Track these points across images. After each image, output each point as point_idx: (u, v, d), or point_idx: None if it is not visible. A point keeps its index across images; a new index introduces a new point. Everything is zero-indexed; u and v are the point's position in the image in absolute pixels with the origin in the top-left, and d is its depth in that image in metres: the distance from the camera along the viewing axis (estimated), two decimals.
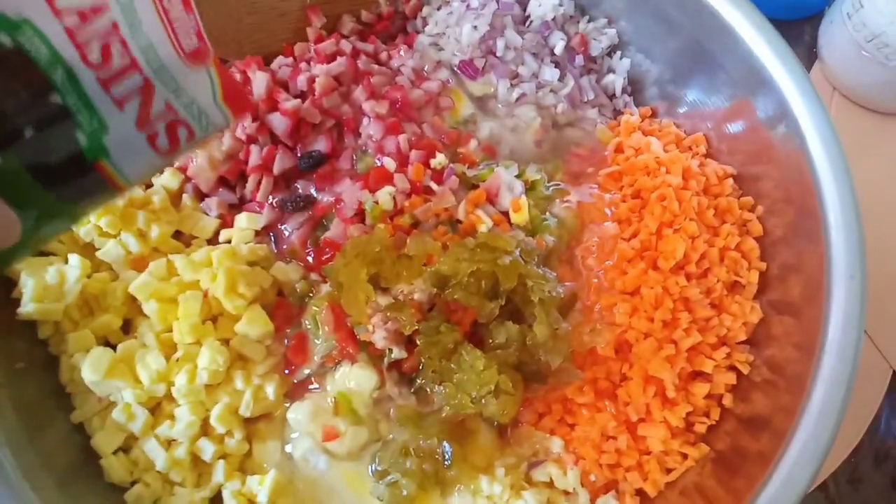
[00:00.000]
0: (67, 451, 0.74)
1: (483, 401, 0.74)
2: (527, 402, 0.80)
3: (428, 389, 0.77)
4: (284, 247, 0.85)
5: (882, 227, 1.06)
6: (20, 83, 0.47)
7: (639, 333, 0.78)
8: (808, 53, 1.19)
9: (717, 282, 0.80)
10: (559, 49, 0.96)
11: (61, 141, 0.50)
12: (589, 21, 1.00)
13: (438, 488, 0.76)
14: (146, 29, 0.54)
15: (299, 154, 0.86)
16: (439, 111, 0.94)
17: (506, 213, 0.86)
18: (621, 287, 0.80)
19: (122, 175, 0.55)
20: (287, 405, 0.80)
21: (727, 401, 0.79)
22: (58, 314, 0.75)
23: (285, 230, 0.85)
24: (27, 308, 0.73)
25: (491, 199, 0.86)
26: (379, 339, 0.75)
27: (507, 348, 0.76)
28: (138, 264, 0.79)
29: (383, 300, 0.76)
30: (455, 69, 0.96)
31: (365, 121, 0.88)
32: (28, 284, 0.73)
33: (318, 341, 0.79)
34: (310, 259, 0.84)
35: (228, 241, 0.83)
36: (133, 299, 0.77)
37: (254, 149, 0.85)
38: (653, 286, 0.78)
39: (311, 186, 0.87)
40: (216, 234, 0.85)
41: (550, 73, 0.95)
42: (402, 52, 0.96)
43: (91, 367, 0.72)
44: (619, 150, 0.92)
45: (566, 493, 0.78)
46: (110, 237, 0.79)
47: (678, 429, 0.77)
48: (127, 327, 0.79)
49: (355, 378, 0.77)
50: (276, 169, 0.85)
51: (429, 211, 0.83)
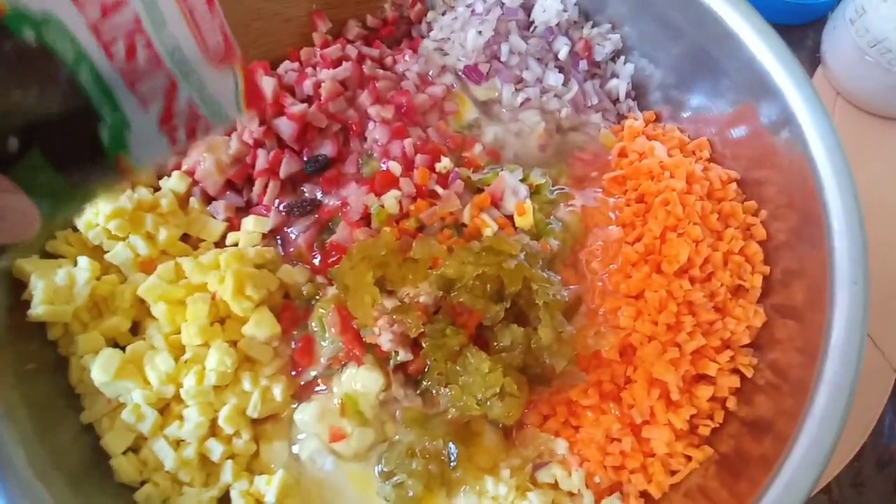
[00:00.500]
0: (78, 451, 0.75)
1: (488, 403, 0.74)
2: (532, 404, 0.81)
3: (433, 391, 0.78)
4: (291, 250, 0.86)
5: (886, 231, 1.06)
6: (46, 80, 0.47)
7: (643, 337, 0.78)
8: (812, 59, 1.20)
9: (721, 286, 0.81)
10: (563, 54, 0.97)
11: (84, 137, 0.51)
12: (593, 26, 1.01)
13: (444, 489, 0.77)
14: (171, 27, 0.54)
15: (305, 158, 0.87)
16: (444, 115, 0.95)
17: (510, 217, 0.87)
18: (625, 290, 0.81)
19: (137, 165, 0.55)
20: (294, 406, 0.80)
21: (731, 404, 0.80)
22: (67, 316, 0.75)
23: (292, 233, 0.86)
24: (37, 310, 0.73)
25: (496, 203, 0.87)
26: (385, 341, 0.76)
27: (511, 351, 0.76)
28: (147, 267, 0.80)
29: (389, 303, 0.77)
30: (460, 74, 0.97)
31: (370, 125, 0.89)
32: (38, 287, 0.74)
33: (324, 343, 0.80)
34: (316, 262, 0.85)
35: (236, 244, 0.84)
36: (142, 301, 0.78)
37: (261, 153, 0.86)
38: (657, 290, 0.79)
39: (318, 190, 0.87)
40: (223, 237, 0.85)
41: (554, 78, 0.96)
42: (407, 57, 0.97)
43: (100, 369, 0.73)
44: (622, 154, 0.93)
45: (571, 494, 0.79)
46: (119, 240, 0.80)
47: (682, 431, 0.78)
48: (136, 329, 0.80)
49: (362, 380, 0.78)
50: (282, 173, 0.85)
51: (434, 215, 0.84)
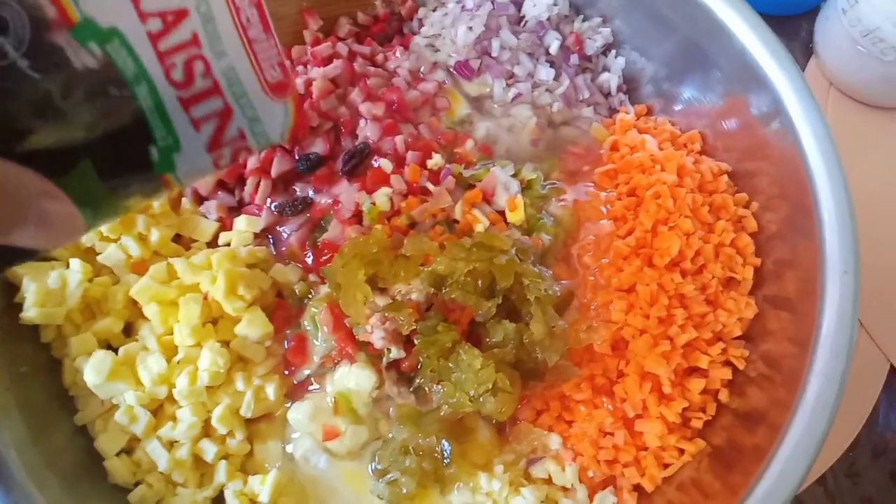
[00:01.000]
0: (71, 452, 0.75)
1: (481, 399, 0.74)
2: (525, 399, 0.81)
3: (426, 388, 0.78)
4: (283, 249, 0.86)
5: (879, 222, 1.07)
6: (106, 95, 0.48)
7: (635, 330, 0.78)
8: (805, 49, 1.20)
9: (713, 278, 0.81)
10: (554, 48, 0.97)
11: (134, 154, 0.51)
12: (584, 20, 1.01)
13: (438, 486, 0.77)
14: (226, 46, 0.55)
15: (297, 157, 0.87)
16: (436, 112, 0.95)
17: (502, 213, 0.87)
18: (617, 284, 0.81)
19: (179, 183, 0.56)
20: (287, 405, 0.80)
21: (723, 396, 0.80)
22: (60, 318, 0.75)
23: (284, 232, 0.86)
24: (29, 313, 0.74)
25: (487, 199, 0.87)
26: (377, 339, 0.76)
27: (504, 346, 0.76)
28: (139, 268, 0.80)
29: (381, 300, 0.77)
30: (451, 70, 0.97)
31: (362, 122, 0.89)
32: (30, 289, 0.74)
33: (317, 342, 0.80)
34: (308, 261, 0.85)
35: (228, 244, 0.84)
36: (134, 303, 0.78)
37: None
38: (648, 283, 0.79)
39: (309, 188, 0.87)
40: (215, 237, 0.85)
41: (546, 73, 0.96)
42: (398, 54, 0.97)
43: (93, 370, 0.73)
44: (614, 148, 0.93)
45: (564, 488, 0.79)
46: (111, 241, 0.80)
47: (674, 424, 0.78)
48: (128, 330, 0.80)
49: (355, 378, 0.78)
50: (273, 172, 0.85)
51: (426, 211, 0.84)
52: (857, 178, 0.95)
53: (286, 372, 0.82)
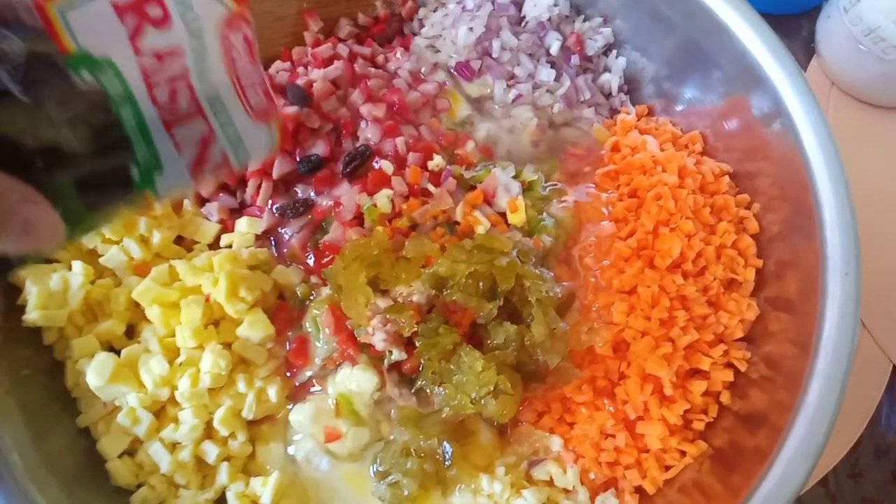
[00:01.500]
0: (74, 454, 0.75)
1: (482, 401, 0.74)
2: (526, 401, 0.81)
3: (428, 390, 0.78)
4: (285, 250, 0.86)
5: (881, 221, 1.06)
6: (91, 116, 0.49)
7: (636, 332, 0.78)
8: (806, 48, 1.19)
9: (714, 279, 0.81)
10: (555, 49, 0.97)
11: (115, 172, 0.52)
12: (584, 20, 1.01)
13: (439, 488, 0.77)
14: (214, 79, 0.56)
15: (298, 158, 0.87)
16: (436, 113, 0.95)
17: (503, 214, 0.87)
18: (618, 286, 0.81)
19: (159, 198, 0.57)
20: (289, 407, 0.81)
21: (725, 398, 0.80)
22: (62, 320, 0.76)
23: (285, 234, 0.86)
24: (32, 315, 0.74)
25: (488, 201, 0.87)
26: (379, 341, 0.76)
27: (505, 348, 0.76)
28: (141, 270, 0.80)
29: (383, 302, 0.77)
30: (452, 71, 0.97)
31: (363, 124, 0.89)
32: (32, 292, 0.74)
33: (318, 344, 0.80)
34: (310, 262, 0.85)
35: (229, 246, 0.84)
36: (136, 305, 0.78)
37: None
38: (649, 285, 0.79)
39: (311, 190, 0.87)
40: (217, 238, 0.86)
41: (546, 74, 0.96)
42: (398, 55, 0.97)
43: (95, 373, 0.73)
44: (615, 149, 0.93)
45: (566, 491, 0.79)
46: (113, 244, 0.80)
47: (676, 426, 0.78)
48: (130, 332, 0.80)
49: (356, 380, 0.78)
50: (275, 174, 0.85)
51: (426, 213, 0.84)
52: (858, 176, 0.94)
53: (288, 374, 0.82)
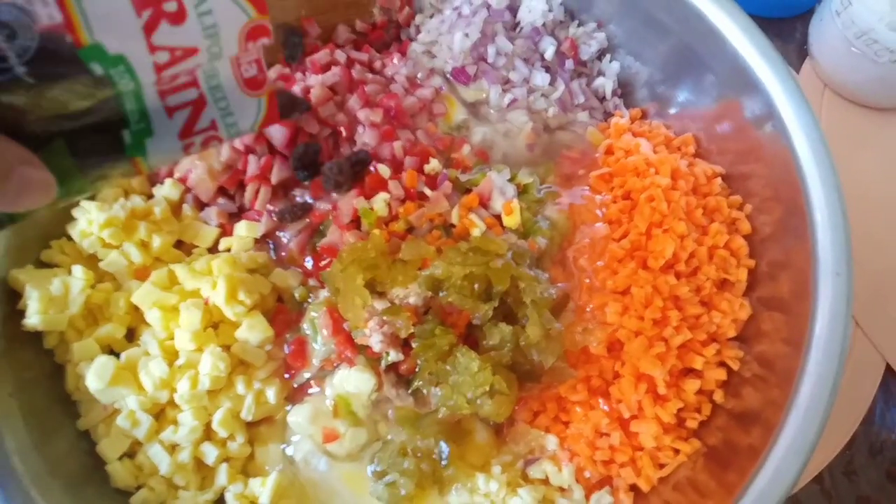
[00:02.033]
0: (74, 457, 0.76)
1: (478, 401, 0.75)
2: (522, 400, 0.82)
3: (425, 391, 0.79)
4: (283, 254, 0.87)
5: (874, 222, 1.07)
6: (94, 97, 0.50)
7: (630, 332, 0.79)
8: (800, 51, 1.20)
9: (707, 280, 0.82)
10: (549, 54, 0.98)
11: (108, 136, 0.54)
12: (578, 25, 1.02)
13: (436, 487, 0.78)
14: (221, 73, 0.58)
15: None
16: (433, 118, 0.96)
17: (498, 217, 0.88)
18: (612, 287, 0.82)
19: (148, 165, 0.59)
20: (288, 408, 0.81)
21: (718, 397, 0.80)
22: (62, 324, 0.77)
23: (284, 237, 0.87)
24: (32, 319, 0.75)
25: (484, 203, 0.88)
26: (376, 342, 0.77)
27: (501, 349, 0.77)
28: (140, 274, 0.81)
29: (380, 304, 0.78)
30: (448, 76, 0.98)
31: (360, 129, 0.90)
32: (33, 296, 0.75)
33: (316, 346, 0.81)
34: (308, 265, 0.86)
35: (228, 250, 0.85)
36: (136, 308, 0.79)
37: (252, 159, 0.87)
38: (643, 285, 0.80)
39: (308, 194, 0.88)
40: (216, 242, 0.86)
41: (541, 78, 0.97)
42: (395, 61, 0.98)
43: (96, 376, 0.74)
44: (609, 151, 0.94)
45: (561, 489, 0.80)
46: (113, 248, 0.81)
47: (670, 425, 0.78)
48: (130, 336, 0.81)
49: (354, 381, 0.79)
50: (273, 178, 0.86)
51: (423, 216, 0.85)
52: (852, 178, 0.95)
53: (286, 375, 0.82)
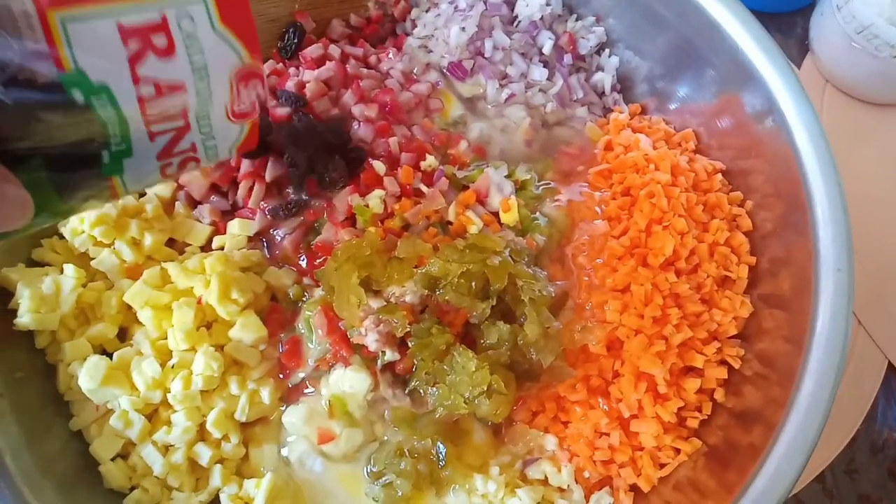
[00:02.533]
0: (67, 457, 0.75)
1: (476, 401, 0.74)
2: (520, 400, 0.81)
3: (422, 391, 0.78)
4: (277, 252, 0.86)
5: (876, 218, 1.06)
6: (76, 126, 0.49)
7: (629, 330, 0.78)
8: (801, 46, 1.19)
9: (707, 277, 0.81)
10: (547, 48, 0.97)
11: (87, 157, 0.52)
12: (577, 20, 1.01)
13: (433, 488, 0.77)
14: (213, 106, 0.56)
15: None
16: (429, 113, 0.95)
17: (496, 214, 0.87)
18: (612, 284, 0.81)
19: (125, 188, 0.57)
20: (282, 409, 0.80)
21: (719, 395, 0.80)
22: (54, 324, 0.76)
23: (277, 235, 0.86)
24: (24, 319, 0.74)
25: (481, 200, 0.87)
26: (371, 341, 0.76)
27: (498, 348, 0.76)
28: (132, 273, 0.80)
29: (375, 303, 0.77)
30: (444, 71, 0.97)
31: (355, 124, 0.89)
32: (24, 295, 0.74)
33: (311, 345, 0.80)
34: (302, 264, 0.85)
35: (221, 248, 0.84)
36: (128, 307, 0.78)
37: None
38: (643, 283, 0.79)
39: (303, 191, 0.87)
40: (209, 240, 0.85)
41: (539, 73, 0.96)
42: (391, 55, 0.97)
43: (88, 376, 0.73)
44: (608, 147, 0.93)
45: (561, 489, 0.79)
46: (104, 246, 0.80)
47: (670, 424, 0.78)
48: (123, 335, 0.80)
49: (349, 381, 0.78)
50: (268, 176, 0.85)
51: (419, 213, 0.84)
52: (853, 174, 0.94)
53: (281, 375, 0.82)
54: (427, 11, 1.02)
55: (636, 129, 0.94)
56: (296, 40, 0.95)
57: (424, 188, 0.85)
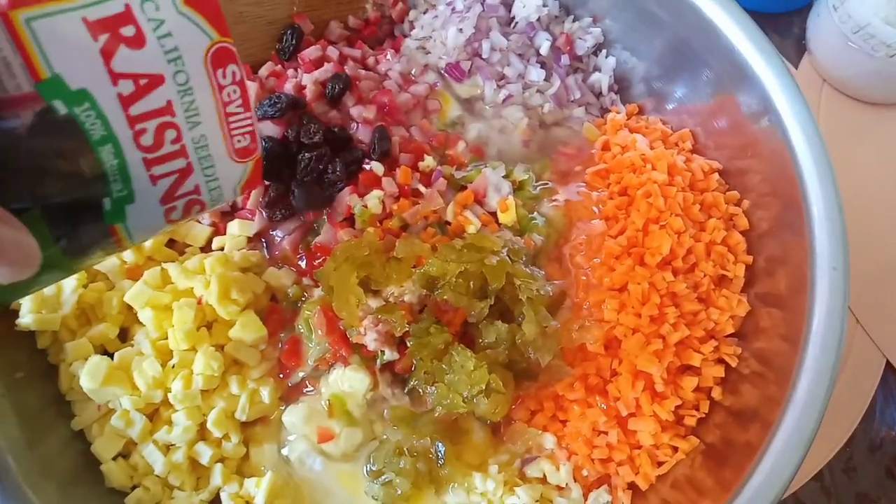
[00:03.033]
0: (68, 457, 0.76)
1: (475, 400, 0.75)
2: (519, 399, 0.81)
3: (420, 390, 0.78)
4: (276, 253, 0.86)
5: (873, 218, 1.07)
6: (66, 152, 0.47)
7: (627, 329, 0.79)
8: (798, 46, 1.20)
9: (704, 276, 0.81)
10: (545, 49, 0.97)
11: (87, 203, 0.50)
12: (574, 20, 1.01)
13: (433, 486, 0.77)
14: (202, 119, 0.55)
15: None
16: (427, 114, 0.95)
17: (494, 214, 0.87)
18: (609, 284, 0.81)
19: (130, 237, 0.56)
20: (282, 408, 0.81)
21: (716, 393, 0.80)
22: (55, 324, 0.76)
23: (277, 236, 0.86)
24: (25, 319, 0.75)
25: (479, 200, 0.87)
26: (371, 341, 0.76)
27: (497, 347, 0.77)
28: (133, 273, 0.81)
29: (374, 303, 0.78)
30: (442, 72, 0.98)
31: (353, 126, 0.89)
32: (26, 296, 0.75)
33: (311, 345, 0.81)
34: (302, 264, 0.86)
35: (221, 249, 0.85)
36: (129, 308, 0.79)
37: None
38: (640, 282, 0.79)
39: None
40: (209, 241, 0.86)
41: (536, 74, 0.96)
42: (389, 57, 0.98)
43: (89, 376, 0.73)
44: (605, 147, 0.93)
45: (559, 488, 0.79)
46: None
47: (668, 422, 0.78)
48: (123, 336, 0.80)
49: (349, 380, 0.78)
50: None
51: (417, 214, 0.84)
52: (851, 174, 0.94)
53: (281, 375, 0.82)
54: (425, 13, 1.02)
55: (633, 129, 0.94)
56: (294, 42, 0.95)
57: (423, 188, 0.86)
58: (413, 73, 0.98)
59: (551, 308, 0.81)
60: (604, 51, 1.02)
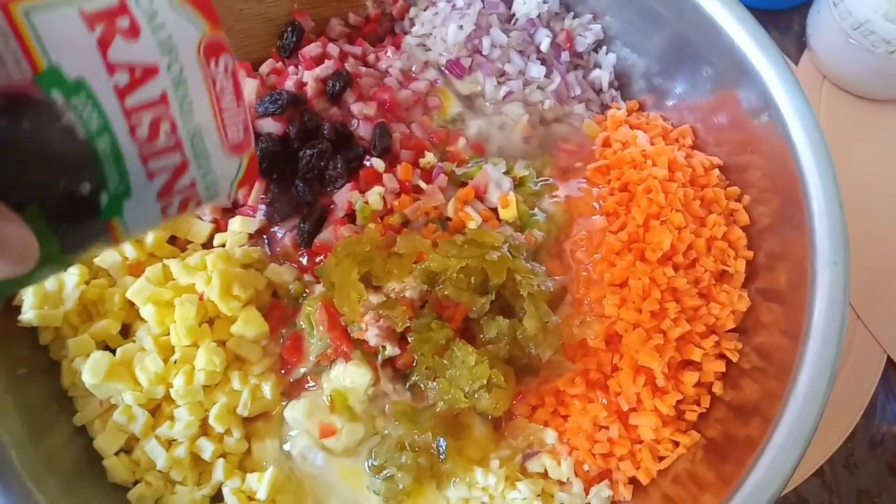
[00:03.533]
0: (71, 452, 0.76)
1: (476, 395, 0.75)
2: (520, 394, 0.81)
3: (422, 385, 0.78)
4: (278, 249, 0.87)
5: (873, 214, 1.07)
6: (62, 145, 0.47)
7: (628, 324, 0.79)
8: (798, 43, 1.20)
9: (705, 271, 0.81)
10: (545, 46, 0.97)
11: (84, 199, 0.50)
12: (574, 17, 1.01)
13: (434, 481, 0.77)
14: (196, 111, 0.55)
15: None
16: (428, 111, 0.96)
17: (495, 210, 0.87)
18: (610, 279, 0.81)
19: (126, 232, 0.56)
20: (284, 404, 0.81)
21: (717, 388, 0.80)
22: (58, 320, 0.76)
23: (278, 233, 0.87)
24: (28, 315, 0.75)
25: (480, 196, 0.87)
26: (372, 336, 0.76)
27: (498, 343, 0.77)
28: (135, 270, 0.81)
29: (375, 298, 0.78)
30: (442, 69, 0.98)
31: (354, 122, 0.90)
32: (28, 292, 0.75)
33: (312, 340, 0.81)
34: (303, 260, 0.86)
35: (223, 245, 0.85)
36: (131, 304, 0.79)
37: None
38: (640, 277, 0.79)
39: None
40: (211, 238, 0.86)
41: (537, 70, 0.97)
42: (389, 54, 0.98)
43: (91, 371, 0.73)
44: (606, 144, 0.93)
45: (560, 482, 0.80)
46: None
47: (669, 417, 0.78)
48: (125, 331, 0.81)
49: (350, 375, 0.78)
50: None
51: (418, 210, 0.84)
52: (851, 170, 0.94)
53: (282, 371, 0.82)
54: (425, 10, 1.02)
55: (634, 125, 0.94)
56: (294, 39, 0.95)
57: (423, 185, 0.86)
58: (413, 69, 0.98)
59: (552, 303, 0.81)
60: (604, 47, 1.02)
